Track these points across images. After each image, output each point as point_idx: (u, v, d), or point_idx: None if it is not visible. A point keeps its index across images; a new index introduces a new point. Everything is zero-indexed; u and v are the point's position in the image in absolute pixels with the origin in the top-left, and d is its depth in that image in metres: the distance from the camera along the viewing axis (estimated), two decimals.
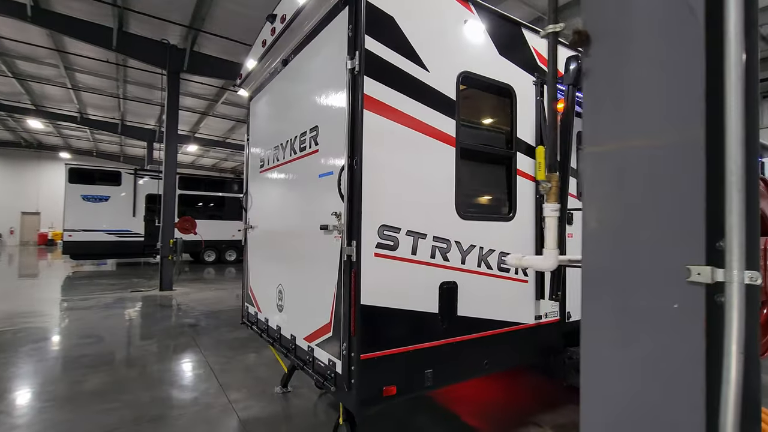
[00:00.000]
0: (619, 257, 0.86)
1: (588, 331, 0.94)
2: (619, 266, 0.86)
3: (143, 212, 17.34)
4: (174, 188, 11.75)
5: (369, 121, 2.75)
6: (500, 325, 3.45)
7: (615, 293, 0.89)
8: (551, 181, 1.01)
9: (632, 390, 0.87)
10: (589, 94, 0.93)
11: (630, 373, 0.87)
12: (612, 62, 0.87)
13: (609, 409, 0.90)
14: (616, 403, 0.89)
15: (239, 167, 34.95)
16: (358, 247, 2.69)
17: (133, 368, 5.55)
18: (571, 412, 4.49)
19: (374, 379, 2.74)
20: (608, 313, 0.89)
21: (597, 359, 0.91)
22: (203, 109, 18.79)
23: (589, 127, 0.93)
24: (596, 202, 0.90)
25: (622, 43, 0.84)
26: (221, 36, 11.18)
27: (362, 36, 2.75)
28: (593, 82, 0.91)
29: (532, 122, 3.76)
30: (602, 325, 0.91)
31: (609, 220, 0.87)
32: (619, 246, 0.86)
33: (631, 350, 0.86)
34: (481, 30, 3.43)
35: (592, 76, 0.91)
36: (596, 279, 0.92)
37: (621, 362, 0.88)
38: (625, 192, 0.83)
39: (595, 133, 0.91)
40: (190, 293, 11.37)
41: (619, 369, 0.88)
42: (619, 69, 0.85)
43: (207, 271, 16.46)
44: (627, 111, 0.83)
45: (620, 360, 0.88)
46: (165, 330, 7.48)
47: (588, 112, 0.94)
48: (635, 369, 0.87)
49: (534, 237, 3.73)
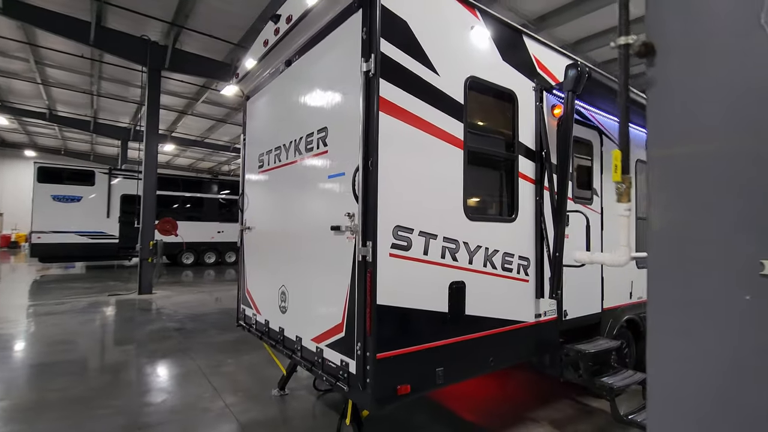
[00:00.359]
0: (687, 254, 0.94)
1: (655, 324, 1.00)
2: (687, 262, 0.94)
3: (118, 213, 16.74)
4: (154, 189, 11.42)
5: (384, 124, 2.79)
6: (504, 324, 3.54)
7: (683, 288, 0.96)
8: (625, 183, 1.08)
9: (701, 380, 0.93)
10: (653, 101, 1.00)
11: (699, 364, 0.94)
12: (679, 72, 0.94)
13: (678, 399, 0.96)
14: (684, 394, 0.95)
15: (217, 167, 34.24)
16: (374, 247, 2.72)
17: (121, 374, 5.38)
18: (565, 407, 4.64)
19: (389, 378, 2.77)
20: (676, 307, 0.96)
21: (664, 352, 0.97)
22: (182, 108, 18.32)
23: (655, 133, 1.00)
24: (663, 202, 0.97)
25: (688, 53, 0.92)
26: (205, 33, 10.97)
27: (378, 39, 2.78)
28: (658, 91, 0.99)
29: (532, 126, 3.88)
30: (669, 318, 0.97)
31: (677, 220, 0.94)
32: (687, 243, 0.93)
33: (699, 342, 0.93)
34: (486, 36, 3.52)
35: (657, 85, 0.99)
36: (663, 275, 0.99)
37: (689, 354, 0.94)
38: (695, 192, 0.91)
39: (662, 139, 0.98)
40: (170, 296, 11.07)
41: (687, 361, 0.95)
42: (686, 78, 0.93)
43: (185, 274, 16.04)
44: (697, 117, 0.91)
45: (688, 351, 0.94)
46: (150, 334, 7.26)
47: (653, 118, 1.01)
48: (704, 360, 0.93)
49: (534, 237, 3.85)
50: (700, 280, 0.92)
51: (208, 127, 21.64)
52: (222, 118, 19.80)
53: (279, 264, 4.06)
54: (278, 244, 4.11)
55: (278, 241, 4.11)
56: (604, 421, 4.28)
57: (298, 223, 3.75)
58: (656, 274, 1.00)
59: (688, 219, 0.93)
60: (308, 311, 3.52)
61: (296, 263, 3.76)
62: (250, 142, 4.96)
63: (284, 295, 3.90)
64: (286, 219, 4.00)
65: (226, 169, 34.57)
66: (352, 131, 2.95)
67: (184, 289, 12.39)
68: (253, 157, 4.81)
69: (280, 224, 4.11)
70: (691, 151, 0.93)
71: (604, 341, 4.34)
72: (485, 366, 3.41)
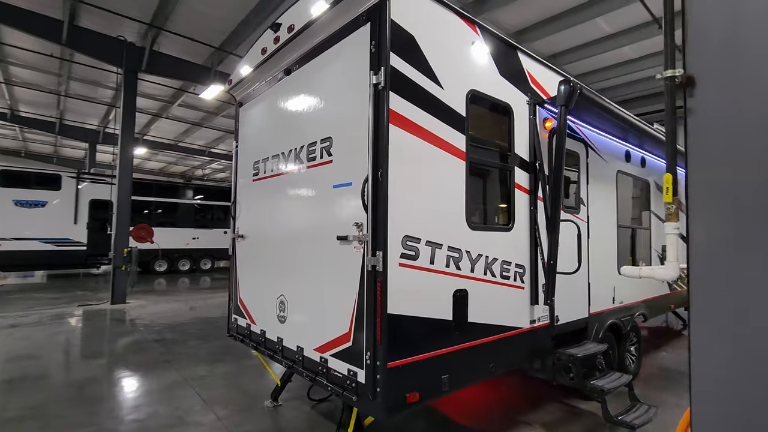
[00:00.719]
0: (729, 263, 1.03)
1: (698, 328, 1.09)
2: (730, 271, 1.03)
3: (86, 219, 16.03)
4: (128, 194, 11.02)
5: (393, 135, 2.84)
6: (503, 330, 3.64)
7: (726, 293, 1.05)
8: (674, 204, 1.16)
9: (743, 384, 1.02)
10: (693, 129, 1.10)
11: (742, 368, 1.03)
12: (717, 102, 1.04)
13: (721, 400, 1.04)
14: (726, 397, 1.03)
15: (189, 172, 33.33)
16: (384, 257, 2.75)
17: (102, 388, 5.15)
18: (555, 410, 4.78)
19: (399, 387, 2.80)
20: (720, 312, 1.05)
21: (709, 353, 1.06)
22: (156, 111, 17.77)
23: (697, 156, 1.10)
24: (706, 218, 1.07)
25: (726, 86, 1.02)
26: (184, 36, 10.73)
27: (388, 52, 2.84)
28: (698, 119, 1.09)
29: (527, 139, 4.03)
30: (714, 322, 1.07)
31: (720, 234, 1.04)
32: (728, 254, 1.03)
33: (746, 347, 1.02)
34: (486, 52, 3.65)
35: (696, 113, 1.09)
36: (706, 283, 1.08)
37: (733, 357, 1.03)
38: (738, 208, 1.01)
39: (703, 161, 1.08)
40: (145, 306, 10.68)
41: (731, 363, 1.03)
42: (723, 108, 1.03)
43: (158, 282, 15.51)
44: (739, 142, 1.01)
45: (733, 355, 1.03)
46: (128, 346, 6.98)
47: (693, 144, 1.10)
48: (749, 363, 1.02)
49: (529, 245, 3.98)
50: (745, 287, 1.02)
51: (182, 130, 21.07)
52: (198, 122, 19.34)
53: (277, 273, 4.02)
54: (276, 252, 4.07)
55: (276, 250, 4.07)
56: (593, 423, 4.44)
57: (299, 233, 3.73)
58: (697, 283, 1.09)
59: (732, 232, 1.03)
60: (311, 321, 3.51)
61: (297, 272, 3.73)
62: (243, 150, 4.89)
63: (283, 304, 3.87)
64: (285, 228, 3.97)
65: (199, 174, 33.69)
66: (360, 142, 2.99)
67: (159, 298, 11.97)
68: (246, 165, 4.76)
69: (278, 233, 4.07)
70: (730, 174, 1.03)
71: (592, 345, 4.51)
72: (486, 372, 3.49)
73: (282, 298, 3.89)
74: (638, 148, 6.19)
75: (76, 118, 19.45)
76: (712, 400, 1.07)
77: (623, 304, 5.53)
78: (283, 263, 3.95)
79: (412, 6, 3.05)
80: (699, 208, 1.08)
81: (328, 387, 3.18)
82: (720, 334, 1.04)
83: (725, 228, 1.03)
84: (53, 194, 15.39)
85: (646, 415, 3.89)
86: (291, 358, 3.69)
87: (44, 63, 13.24)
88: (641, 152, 6.27)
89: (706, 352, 1.06)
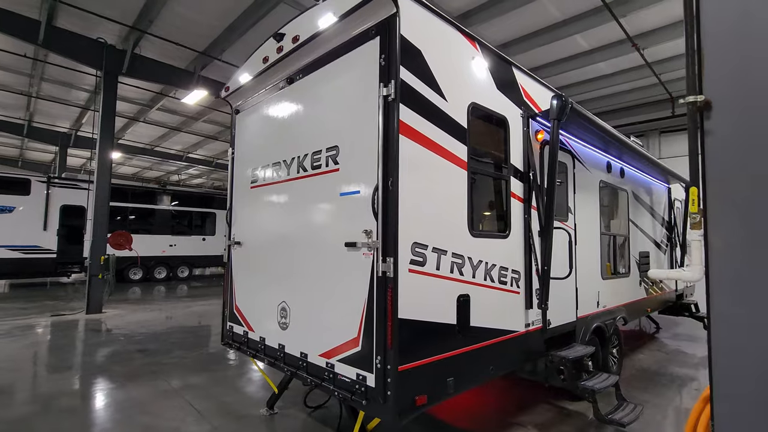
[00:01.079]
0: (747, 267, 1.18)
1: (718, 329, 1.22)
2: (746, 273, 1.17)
3: (57, 226, 15.40)
4: (107, 199, 10.69)
5: (402, 145, 2.95)
6: (501, 334, 3.77)
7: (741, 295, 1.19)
8: (699, 214, 1.29)
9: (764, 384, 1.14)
10: (711, 148, 1.25)
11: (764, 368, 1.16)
12: (731, 123, 1.20)
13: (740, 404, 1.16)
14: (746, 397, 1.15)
15: (165, 177, 32.49)
16: (395, 263, 2.84)
17: (89, 400, 4.98)
18: (544, 411, 4.94)
19: (409, 390, 2.87)
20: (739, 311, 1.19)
21: (729, 354, 1.19)
22: (133, 114, 17.34)
23: (713, 171, 1.25)
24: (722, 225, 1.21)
25: (738, 108, 1.18)
26: (167, 40, 10.58)
27: (398, 66, 2.95)
28: (716, 138, 1.24)
29: (521, 150, 4.22)
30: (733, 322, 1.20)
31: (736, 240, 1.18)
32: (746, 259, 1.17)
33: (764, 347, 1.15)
34: (485, 66, 3.82)
35: (714, 133, 1.24)
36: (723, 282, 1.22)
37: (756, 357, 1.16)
38: (750, 216, 1.15)
39: (719, 176, 1.23)
40: (123, 315, 10.34)
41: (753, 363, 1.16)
42: (738, 128, 1.18)
43: (132, 291, 15.03)
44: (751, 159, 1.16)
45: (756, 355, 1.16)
46: (111, 357, 6.76)
47: (711, 159, 1.25)
48: None
49: (523, 252, 4.15)
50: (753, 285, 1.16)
51: (160, 134, 20.60)
52: (177, 127, 18.96)
53: (278, 280, 4.04)
54: (277, 259, 4.08)
55: (277, 257, 4.08)
56: (582, 422, 4.62)
57: (303, 240, 3.76)
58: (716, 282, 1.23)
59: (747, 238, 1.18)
60: (315, 327, 3.54)
61: (299, 279, 3.76)
62: (240, 157, 4.89)
63: (284, 311, 3.88)
64: (286, 235, 3.99)
65: (175, 179, 32.90)
66: (368, 151, 3.08)
67: (137, 307, 11.61)
68: (243, 172, 4.76)
69: (279, 240, 4.09)
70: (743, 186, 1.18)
71: (581, 347, 4.71)
72: (487, 374, 3.61)
73: (283, 304, 3.90)
74: (618, 160, 6.52)
75: (47, 121, 18.73)
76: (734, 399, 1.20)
77: (606, 308, 5.78)
78: (284, 270, 3.97)
79: (419, 22, 3.18)
80: (716, 217, 1.23)
81: (335, 392, 3.22)
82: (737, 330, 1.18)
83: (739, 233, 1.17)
84: (22, 199, 14.74)
85: (633, 413, 4.09)
86: (294, 365, 3.70)
87: (16, 63, 12.76)
88: (620, 163, 6.61)
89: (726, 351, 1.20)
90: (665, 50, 10.35)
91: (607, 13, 8.41)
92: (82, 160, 27.10)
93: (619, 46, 10.16)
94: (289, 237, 3.96)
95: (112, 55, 10.86)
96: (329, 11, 3.41)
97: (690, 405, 5.29)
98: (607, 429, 4.43)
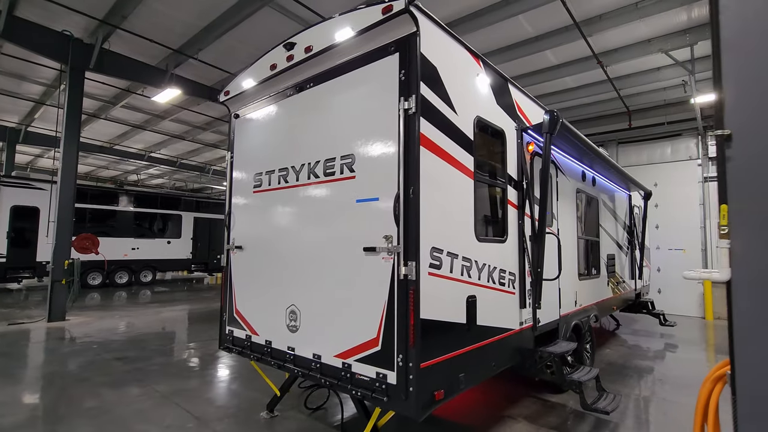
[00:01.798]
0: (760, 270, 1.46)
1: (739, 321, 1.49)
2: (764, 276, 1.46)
3: (7, 228, 14.34)
4: (72, 201, 10.14)
5: (422, 155, 3.15)
6: (501, 332, 4.05)
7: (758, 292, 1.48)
8: (728, 227, 1.55)
9: None
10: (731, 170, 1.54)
11: None
12: (749, 151, 1.49)
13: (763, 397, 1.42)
14: None
15: (122, 177, 30.91)
16: (417, 267, 3.03)
17: (77, 411, 4.78)
18: (530, 404, 5.28)
19: (429, 386, 3.06)
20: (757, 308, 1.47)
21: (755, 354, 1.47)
22: (93, 111, 16.45)
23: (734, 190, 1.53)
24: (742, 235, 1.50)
25: (755, 137, 1.47)
26: (141, 36, 10.21)
27: (418, 82, 3.15)
28: (736, 165, 1.53)
29: (515, 161, 4.54)
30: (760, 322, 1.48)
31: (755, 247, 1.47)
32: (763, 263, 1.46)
33: None
34: (487, 83, 4.10)
35: (734, 161, 1.53)
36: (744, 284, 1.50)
37: None
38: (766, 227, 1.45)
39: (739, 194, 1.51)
40: (90, 323, 9.84)
41: None
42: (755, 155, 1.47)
43: (91, 297, 14.25)
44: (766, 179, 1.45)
45: None
46: (89, 366, 6.47)
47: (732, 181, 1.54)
48: None
49: (518, 255, 4.46)
50: None
51: (120, 132, 19.64)
52: (140, 125, 18.17)
53: (286, 283, 4.10)
54: (285, 263, 4.14)
55: (285, 261, 4.14)
56: (566, 413, 5.00)
57: (315, 244, 3.86)
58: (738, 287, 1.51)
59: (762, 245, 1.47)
60: (329, 329, 3.65)
61: (311, 282, 3.85)
62: (240, 161, 4.90)
63: (294, 314, 3.96)
64: (296, 239, 4.06)
65: (133, 179, 31.35)
66: (388, 161, 3.25)
67: (104, 314, 11.06)
68: (245, 177, 4.77)
69: (286, 244, 4.15)
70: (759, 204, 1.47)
71: (564, 343, 5.09)
72: (490, 370, 3.87)
73: (293, 308, 3.98)
74: (590, 169, 7.06)
75: None
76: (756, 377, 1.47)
77: (582, 306, 6.25)
78: (293, 273, 4.04)
79: (435, 40, 3.40)
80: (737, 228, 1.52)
81: (352, 391, 3.35)
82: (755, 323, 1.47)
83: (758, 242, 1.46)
84: None
85: (614, 402, 4.50)
86: (306, 367, 3.79)
87: None
88: (592, 172, 7.15)
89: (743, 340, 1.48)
90: (626, 68, 11.22)
91: (575, 31, 9.05)
92: (29, 158, 25.30)
93: (584, 62, 10.89)
94: (299, 241, 4.04)
95: (78, 49, 10.33)
96: (347, 25, 3.55)
97: (654, 393, 5.83)
98: (587, 417, 4.83)
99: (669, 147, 13.80)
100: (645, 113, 13.86)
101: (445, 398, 3.21)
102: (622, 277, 8.70)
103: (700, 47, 9.78)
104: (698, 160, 13.29)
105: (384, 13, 3.26)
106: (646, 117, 13.88)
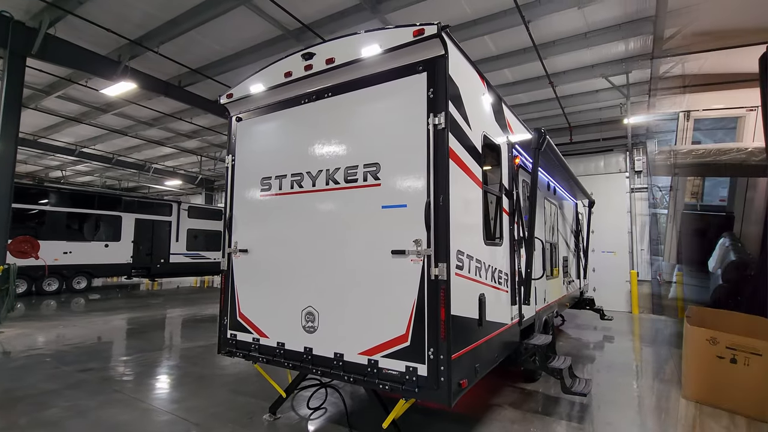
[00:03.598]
0: None
1: None
2: None
3: None
4: (8, 200, 9.16)
5: (450, 167, 3.48)
6: (500, 326, 4.49)
7: None
8: None
9: None
10: None
11: None
12: None
13: None
14: None
15: (42, 173, 27.87)
16: (447, 268, 3.34)
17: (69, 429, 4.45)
18: (510, 392, 5.79)
19: (457, 375, 3.38)
20: None
21: None
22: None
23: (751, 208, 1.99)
24: None
25: None
26: (97, 24, 9.52)
27: (446, 100, 3.48)
28: None
29: (507, 173, 5.04)
30: None
31: None
32: None
33: None
34: (489, 101, 4.54)
35: None
36: None
37: None
38: None
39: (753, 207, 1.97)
40: (31, 334, 8.92)
41: None
42: None
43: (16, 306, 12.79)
44: None
45: None
46: (51, 380, 5.94)
47: None
48: None
49: (509, 257, 4.95)
50: None
51: (49, 124, 17.83)
52: (75, 117, 16.64)
53: (302, 286, 4.19)
54: (301, 266, 4.22)
55: (301, 264, 4.23)
56: (542, 398, 5.58)
57: (335, 247, 4.00)
58: None
59: None
60: (352, 328, 3.82)
61: (331, 283, 3.99)
62: (243, 165, 4.89)
63: (311, 315, 4.08)
64: (312, 243, 4.16)
65: (56, 176, 28.35)
66: (416, 170, 3.54)
67: (42, 324, 10.04)
68: (249, 180, 4.77)
69: (301, 247, 4.24)
70: None
71: (543, 336, 5.68)
72: (493, 361, 4.29)
73: (310, 309, 4.10)
74: (551, 179, 7.85)
75: None
76: None
77: (549, 303, 6.96)
78: (310, 276, 4.14)
79: (458, 63, 3.76)
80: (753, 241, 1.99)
81: (379, 385, 3.57)
82: None
83: None
84: None
85: (587, 386, 5.13)
86: (326, 366, 3.93)
87: None
88: (554, 183, 7.96)
89: None
90: (571, 89, 12.49)
91: (533, 53, 9.96)
92: None
93: (537, 81, 11.96)
94: (314, 244, 4.15)
95: (19, 32, 9.39)
96: (375, 42, 3.78)
97: (607, 378, 6.66)
98: (561, 401, 5.43)
99: (602, 160, 15.45)
100: (584, 129, 15.44)
101: (468, 386, 3.55)
102: (572, 277, 9.69)
103: (634, 74, 11.20)
104: (626, 173, 15.03)
105: (415, 36, 3.55)
106: (584, 132, 15.47)
